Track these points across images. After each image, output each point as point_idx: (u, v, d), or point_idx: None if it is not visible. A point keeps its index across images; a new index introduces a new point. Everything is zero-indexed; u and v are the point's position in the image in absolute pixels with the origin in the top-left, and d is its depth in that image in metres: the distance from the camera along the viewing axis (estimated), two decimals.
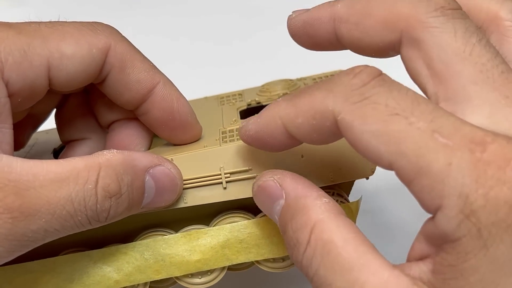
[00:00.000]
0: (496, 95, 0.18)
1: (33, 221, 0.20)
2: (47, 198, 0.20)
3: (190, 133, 0.26)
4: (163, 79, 0.26)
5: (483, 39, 0.19)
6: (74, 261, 0.25)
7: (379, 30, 0.21)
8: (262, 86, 0.32)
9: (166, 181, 0.24)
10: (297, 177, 0.22)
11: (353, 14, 0.21)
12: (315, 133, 0.20)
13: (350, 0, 0.22)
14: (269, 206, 0.22)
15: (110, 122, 0.27)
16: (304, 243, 0.19)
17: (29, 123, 0.28)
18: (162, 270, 0.26)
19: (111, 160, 0.22)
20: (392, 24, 0.20)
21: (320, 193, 0.21)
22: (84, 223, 0.22)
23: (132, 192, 0.23)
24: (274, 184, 0.22)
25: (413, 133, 0.17)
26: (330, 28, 0.22)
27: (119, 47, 0.24)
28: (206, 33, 0.60)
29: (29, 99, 0.24)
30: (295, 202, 0.21)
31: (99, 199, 0.22)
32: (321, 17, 0.22)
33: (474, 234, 0.16)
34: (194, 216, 0.26)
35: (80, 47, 0.23)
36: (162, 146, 0.27)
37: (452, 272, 0.17)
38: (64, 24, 0.24)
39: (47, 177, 0.21)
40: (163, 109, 0.25)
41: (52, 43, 0.23)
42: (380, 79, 0.18)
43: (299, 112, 0.20)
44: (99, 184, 0.21)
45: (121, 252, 0.26)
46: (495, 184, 0.16)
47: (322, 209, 0.20)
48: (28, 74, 0.22)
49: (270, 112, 0.21)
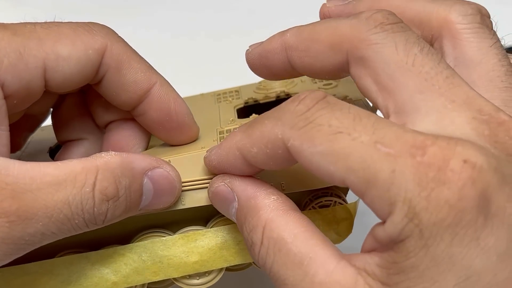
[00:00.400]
0: (442, 100, 0.19)
1: (30, 225, 0.20)
2: (45, 201, 0.20)
3: (187, 134, 0.26)
4: (160, 79, 0.25)
5: (424, 47, 0.20)
6: (71, 263, 0.25)
7: (327, 54, 0.22)
8: (259, 83, 0.32)
9: (164, 184, 0.24)
10: (245, 179, 0.22)
11: (302, 42, 0.22)
12: (271, 161, 0.20)
13: (298, 28, 0.23)
14: (226, 210, 0.23)
15: (107, 122, 0.27)
16: (258, 243, 0.20)
17: (26, 124, 0.28)
18: (160, 271, 0.25)
19: (109, 162, 0.22)
20: (338, 46, 0.21)
21: (269, 191, 0.21)
22: (81, 226, 0.22)
23: (130, 195, 0.23)
24: (225, 189, 0.22)
25: (357, 147, 0.18)
26: (283, 58, 0.23)
27: (116, 48, 0.24)
28: (203, 29, 0.60)
29: (25, 101, 0.23)
30: (246, 203, 0.21)
31: (97, 202, 0.21)
32: (273, 48, 0.24)
33: (416, 234, 0.17)
34: (191, 217, 0.26)
35: (76, 48, 0.23)
36: (159, 146, 0.27)
37: (395, 268, 0.17)
38: (60, 25, 0.24)
39: (44, 180, 0.20)
40: (160, 110, 0.25)
41: (48, 44, 0.23)
42: (324, 101, 0.19)
43: (253, 142, 0.20)
44: (96, 187, 0.21)
45: (118, 253, 0.25)
46: (436, 185, 0.17)
47: (271, 207, 0.21)
48: (24, 75, 0.22)
49: (228, 144, 0.22)
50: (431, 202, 0.16)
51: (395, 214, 0.17)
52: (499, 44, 0.22)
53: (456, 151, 0.17)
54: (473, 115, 0.18)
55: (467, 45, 0.22)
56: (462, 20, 0.23)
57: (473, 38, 0.22)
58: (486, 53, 0.22)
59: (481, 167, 0.17)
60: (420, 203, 0.17)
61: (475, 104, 0.19)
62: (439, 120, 0.19)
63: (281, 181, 0.25)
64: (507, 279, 0.17)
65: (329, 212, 0.25)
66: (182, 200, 0.25)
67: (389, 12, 0.21)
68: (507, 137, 0.18)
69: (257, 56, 0.24)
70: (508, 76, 0.21)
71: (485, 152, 0.17)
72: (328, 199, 0.26)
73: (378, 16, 0.21)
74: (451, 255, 0.17)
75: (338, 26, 0.21)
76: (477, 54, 0.22)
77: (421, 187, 0.17)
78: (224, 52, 0.55)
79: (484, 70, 0.22)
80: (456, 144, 0.17)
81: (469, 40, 0.22)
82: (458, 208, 0.16)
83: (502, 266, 0.17)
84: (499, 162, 0.17)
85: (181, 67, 0.54)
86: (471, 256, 0.17)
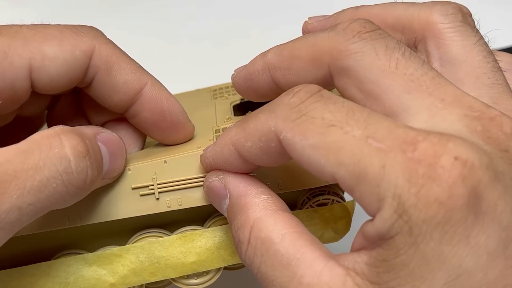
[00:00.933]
0: (432, 100, 0.19)
1: (3, 200, 0.19)
2: (14, 172, 0.19)
3: (182, 133, 0.26)
4: (151, 79, 0.25)
5: (406, 51, 0.20)
6: (69, 265, 0.25)
7: (309, 69, 0.21)
8: None
9: (114, 145, 0.23)
10: (239, 175, 0.22)
11: (283, 60, 0.22)
12: (264, 155, 0.20)
13: (278, 47, 0.23)
14: (218, 206, 0.23)
15: (102, 123, 0.27)
16: (245, 242, 0.20)
17: (22, 128, 0.28)
18: (158, 272, 0.25)
19: (65, 128, 0.21)
20: (318, 60, 0.21)
21: (260, 190, 0.21)
22: (61, 191, 0.20)
23: (96, 156, 0.22)
24: (219, 184, 0.22)
25: (349, 141, 0.17)
26: (268, 78, 0.23)
27: (104, 49, 0.24)
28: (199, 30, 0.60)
29: (11, 101, 0.23)
30: (237, 201, 0.21)
31: (73, 159, 0.21)
32: (257, 70, 0.23)
33: (405, 231, 0.17)
34: (189, 217, 0.26)
35: (63, 49, 0.23)
36: (154, 146, 0.27)
37: (384, 266, 0.17)
38: (47, 27, 0.23)
39: (10, 152, 0.20)
40: (152, 110, 0.25)
41: (34, 44, 0.22)
42: (318, 95, 0.19)
43: (247, 136, 0.20)
44: (66, 146, 0.20)
45: (116, 255, 0.25)
46: (426, 182, 0.16)
47: (260, 207, 0.21)
48: (8, 75, 0.22)
49: (223, 140, 0.22)
50: (421, 199, 0.16)
51: (384, 210, 0.17)
52: (483, 41, 0.22)
53: (448, 147, 0.17)
54: (464, 112, 0.18)
55: (451, 44, 0.22)
56: (444, 20, 0.22)
57: (456, 37, 0.22)
58: (470, 50, 0.22)
59: (472, 164, 0.16)
60: (409, 200, 0.16)
61: (465, 102, 0.18)
62: (430, 118, 0.18)
63: (278, 180, 0.25)
64: (498, 278, 0.17)
65: (327, 211, 0.25)
66: (179, 201, 0.25)
67: (365, 20, 0.21)
68: (500, 132, 0.18)
69: (242, 80, 0.24)
70: (494, 72, 0.21)
71: (476, 149, 0.17)
72: (325, 198, 0.25)
73: (355, 25, 0.20)
74: (441, 253, 0.16)
75: (316, 40, 0.21)
76: (461, 52, 0.22)
77: (411, 183, 0.16)
78: (223, 52, 0.55)
79: (470, 67, 0.21)
80: (448, 140, 0.17)
81: (453, 39, 0.22)
82: (448, 206, 0.16)
83: (492, 264, 0.17)
84: (492, 159, 0.17)
85: (179, 65, 0.54)
86: (461, 255, 0.16)
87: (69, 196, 0.21)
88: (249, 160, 0.21)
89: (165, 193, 0.25)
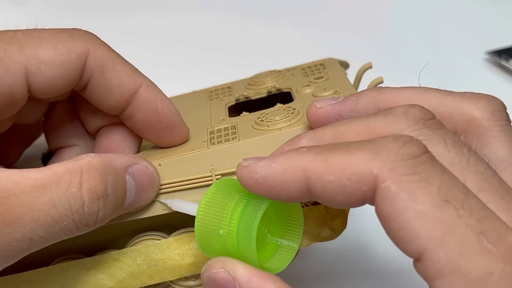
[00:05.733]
0: (504, 202, 0.18)
1: (16, 230, 0.20)
2: (30, 204, 0.20)
3: (177, 135, 0.26)
4: (146, 81, 0.25)
5: (471, 149, 0.19)
6: (67, 270, 0.25)
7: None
8: (251, 78, 0.32)
9: (144, 179, 0.24)
10: (249, 268, 0.20)
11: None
12: (342, 195, 0.18)
13: (312, 135, 0.21)
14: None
15: (98, 128, 0.27)
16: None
17: (19, 136, 0.28)
18: (156, 275, 0.25)
19: (92, 162, 0.22)
20: None
21: (277, 285, 0.19)
22: (71, 228, 0.21)
23: (116, 193, 0.22)
24: (226, 276, 0.20)
25: (461, 228, 0.16)
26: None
27: (99, 52, 0.24)
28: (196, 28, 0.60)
29: (9, 107, 0.23)
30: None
31: (87, 201, 0.21)
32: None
33: None
34: (184, 218, 0.26)
35: (58, 52, 0.23)
36: (149, 149, 0.27)
37: None
38: (41, 31, 0.24)
39: (28, 183, 0.20)
40: (147, 111, 0.25)
41: (29, 49, 0.23)
42: (430, 155, 0.18)
43: (330, 169, 0.18)
44: (84, 186, 0.21)
45: (113, 258, 0.25)
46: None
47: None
48: (5, 80, 0.22)
49: (291, 161, 0.19)
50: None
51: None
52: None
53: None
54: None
55: (497, 144, 0.21)
56: (490, 117, 0.21)
57: (503, 136, 0.21)
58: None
59: None
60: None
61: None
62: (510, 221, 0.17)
63: None
64: None
65: (322, 209, 0.25)
66: None
67: (422, 107, 0.20)
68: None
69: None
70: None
71: None
72: None
73: (416, 111, 0.19)
74: None
75: (369, 124, 0.19)
76: (508, 154, 0.21)
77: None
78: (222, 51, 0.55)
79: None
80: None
81: (500, 139, 0.21)
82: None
83: None
84: None
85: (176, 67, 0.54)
86: None
87: (78, 232, 0.22)
88: (317, 194, 0.18)
89: (160, 195, 0.25)
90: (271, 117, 0.25)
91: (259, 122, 0.25)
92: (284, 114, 0.25)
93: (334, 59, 0.32)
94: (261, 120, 0.26)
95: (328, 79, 0.29)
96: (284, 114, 0.25)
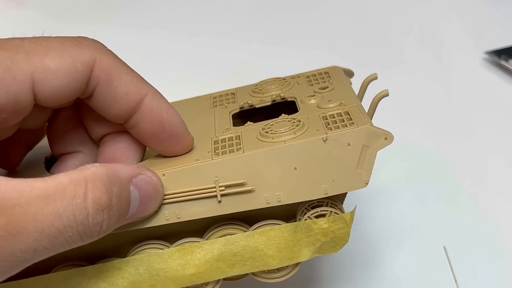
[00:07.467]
0: None
1: (21, 240, 0.20)
2: (34, 215, 0.20)
3: (181, 144, 0.26)
4: (151, 90, 0.25)
5: None
6: (68, 278, 0.25)
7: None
8: (255, 85, 0.32)
9: (149, 190, 0.24)
10: None
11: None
12: None
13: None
14: None
15: (102, 135, 0.27)
16: None
17: (22, 141, 0.28)
18: (157, 284, 0.25)
19: (97, 173, 0.22)
20: None
21: None
22: (75, 239, 0.21)
23: (121, 204, 0.22)
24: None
25: None
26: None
27: (105, 61, 0.24)
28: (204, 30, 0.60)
29: (14, 115, 0.23)
30: None
31: (91, 212, 0.21)
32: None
33: None
34: (187, 228, 0.26)
35: (64, 61, 0.23)
36: (153, 158, 0.27)
37: None
38: (48, 39, 0.24)
39: (33, 193, 0.20)
40: (152, 121, 0.25)
41: (36, 57, 0.23)
42: None
43: None
44: (89, 197, 0.21)
45: (115, 267, 0.25)
46: None
47: None
48: (12, 89, 0.22)
49: None
50: None
51: None
52: None
53: None
54: None
55: None
56: None
57: None
58: None
59: None
60: None
61: None
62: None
63: (277, 192, 0.25)
64: None
65: (325, 222, 0.25)
66: (177, 214, 0.25)
67: None
68: None
69: None
70: None
71: None
72: (324, 209, 0.25)
73: None
74: None
75: None
76: None
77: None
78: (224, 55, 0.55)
79: None
80: None
81: None
82: None
83: None
84: None
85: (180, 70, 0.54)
86: None
87: (81, 242, 0.22)
88: None
89: (163, 205, 0.25)
90: (276, 129, 0.25)
91: (264, 134, 0.25)
92: (289, 126, 0.25)
93: (338, 67, 0.32)
94: (266, 131, 0.25)
95: (333, 89, 0.29)
96: (289, 126, 0.25)
